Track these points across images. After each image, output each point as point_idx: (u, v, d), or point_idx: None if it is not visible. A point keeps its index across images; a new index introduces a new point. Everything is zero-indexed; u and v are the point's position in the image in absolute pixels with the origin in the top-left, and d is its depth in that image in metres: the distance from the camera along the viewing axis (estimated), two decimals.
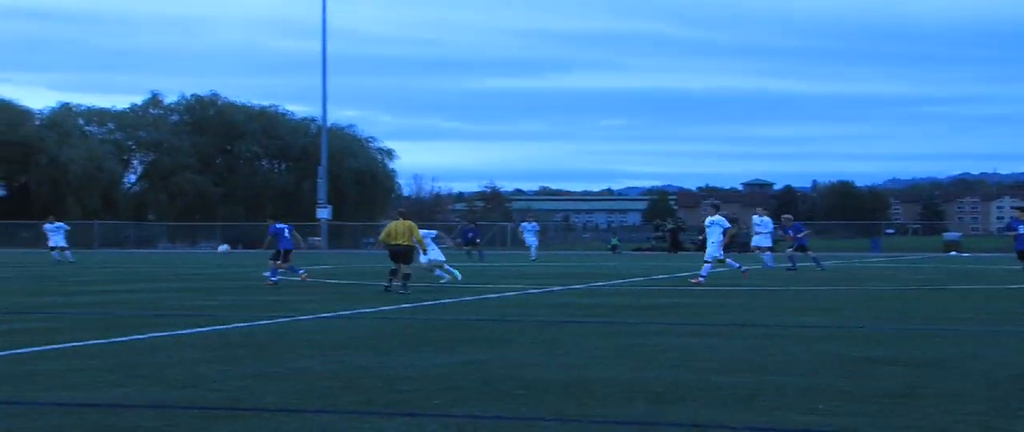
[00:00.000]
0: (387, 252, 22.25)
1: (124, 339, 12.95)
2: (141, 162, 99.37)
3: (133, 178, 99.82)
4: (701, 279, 25.51)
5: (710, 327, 14.66)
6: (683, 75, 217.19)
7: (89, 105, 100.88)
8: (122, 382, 9.30)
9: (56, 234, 41.95)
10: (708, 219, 27.22)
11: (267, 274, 25.92)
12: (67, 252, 42.20)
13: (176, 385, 9.16)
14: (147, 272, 34.30)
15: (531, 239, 48.97)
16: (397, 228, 22.11)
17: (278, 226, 26.11)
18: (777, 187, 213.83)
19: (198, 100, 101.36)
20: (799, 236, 35.14)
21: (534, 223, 52.16)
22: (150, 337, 13.22)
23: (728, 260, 27.12)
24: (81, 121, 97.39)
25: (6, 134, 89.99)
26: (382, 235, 22.62)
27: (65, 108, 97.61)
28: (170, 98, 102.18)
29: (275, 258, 25.59)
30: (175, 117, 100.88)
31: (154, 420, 7.62)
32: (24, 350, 11.78)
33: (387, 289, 21.76)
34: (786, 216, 37.58)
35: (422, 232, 24.56)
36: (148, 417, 7.73)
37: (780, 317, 16.37)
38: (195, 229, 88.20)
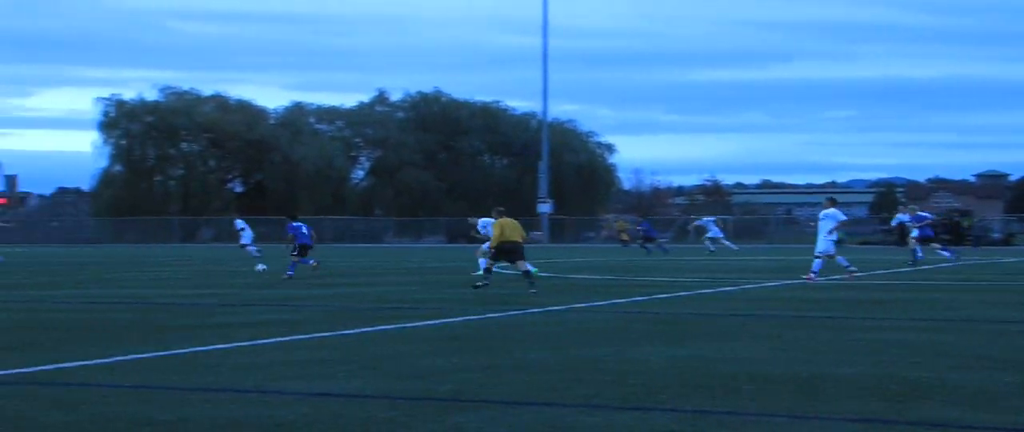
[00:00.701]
0: (496, 250, 21.56)
1: (355, 331, 13.36)
2: (368, 159, 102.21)
3: (360, 174, 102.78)
4: (812, 276, 24.19)
5: (933, 322, 14.13)
6: (913, 63, 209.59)
7: (319, 104, 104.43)
8: (356, 373, 9.59)
9: (246, 233, 43.52)
10: (821, 212, 25.45)
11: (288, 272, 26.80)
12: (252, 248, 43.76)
13: (408, 377, 9.39)
14: (374, 266, 35.30)
15: (715, 231, 48.49)
16: (508, 225, 21.77)
17: (295, 224, 28.34)
18: (1013, 178, 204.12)
19: (422, 97, 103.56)
20: (920, 226, 34.51)
21: (711, 217, 51.68)
22: (380, 330, 13.60)
23: (944, 252, 25.78)
24: (312, 120, 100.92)
25: (244, 133, 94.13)
26: (495, 234, 21.91)
27: (297, 107, 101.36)
28: (395, 95, 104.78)
29: (294, 253, 27.54)
30: (400, 114, 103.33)
31: (389, 411, 7.83)
32: (268, 341, 12.30)
33: (480, 286, 21.31)
34: (912, 206, 36.75)
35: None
36: (383, 407, 7.95)
37: (997, 312, 15.65)
38: (420, 224, 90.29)
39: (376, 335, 12.98)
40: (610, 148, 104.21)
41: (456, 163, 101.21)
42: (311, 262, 28.60)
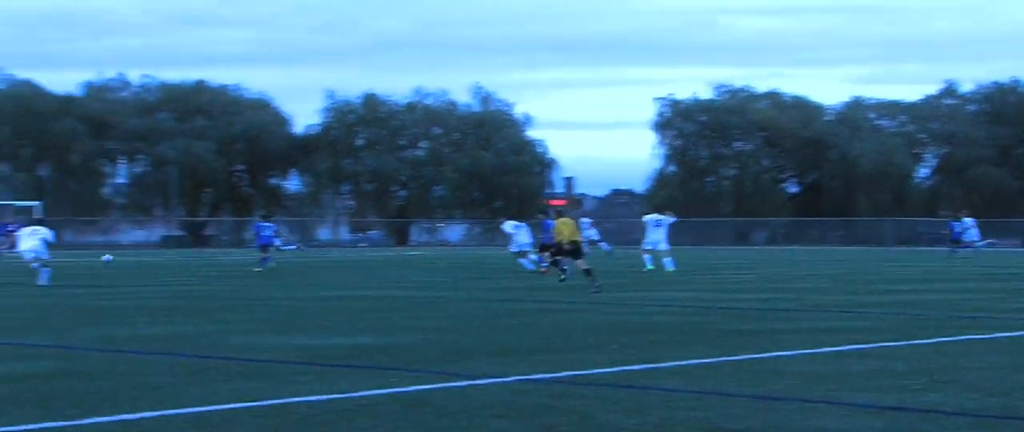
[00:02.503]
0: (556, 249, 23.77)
1: (927, 341, 12.90)
2: (934, 156, 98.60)
3: (925, 172, 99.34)
4: None
5: None
6: None
7: (879, 98, 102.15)
8: (930, 387, 9.25)
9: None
10: None
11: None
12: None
13: (992, 392, 8.92)
14: (943, 271, 33.94)
15: None
16: (566, 226, 23.77)
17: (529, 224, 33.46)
18: None
19: (998, 88, 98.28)
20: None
21: None
22: (955, 340, 13.05)
23: None
24: (871, 115, 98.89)
25: (799, 131, 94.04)
26: (559, 233, 24.03)
27: (855, 102, 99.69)
28: (965, 87, 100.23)
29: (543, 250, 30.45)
30: (971, 107, 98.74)
31: (969, 428, 7.49)
32: (831, 349, 12.18)
33: (559, 280, 24.27)
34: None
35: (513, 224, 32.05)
36: (962, 425, 7.61)
37: None
38: (991, 225, 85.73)
39: (953, 346, 12.47)
40: None
41: None
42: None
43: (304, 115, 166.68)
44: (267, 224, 37.06)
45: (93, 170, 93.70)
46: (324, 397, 8.69)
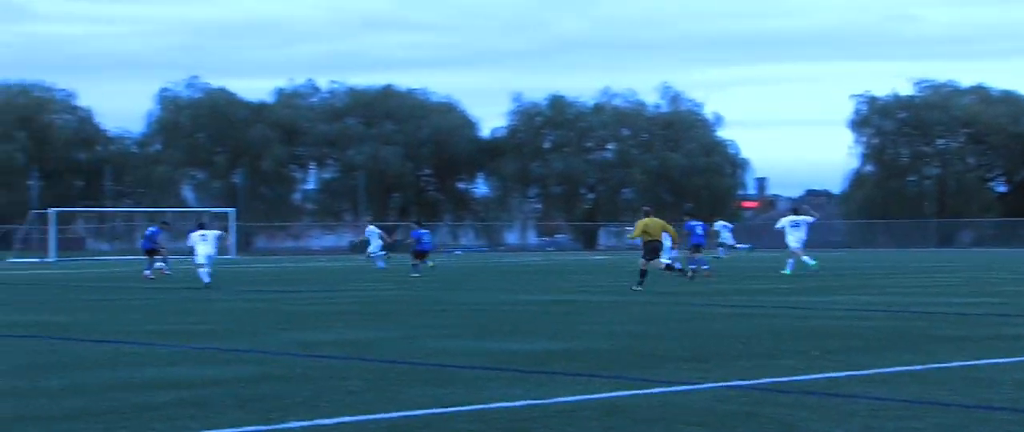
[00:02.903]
0: (643, 248, 24.84)
1: None
2: None
3: None
4: None
5: None
6: None
7: None
8: None
9: (725, 231, 41.38)
10: None
11: None
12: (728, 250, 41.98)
13: None
14: None
15: None
16: (653, 224, 24.99)
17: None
18: None
19: None
20: None
21: None
22: None
23: None
24: None
25: (1008, 126, 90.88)
26: (636, 231, 25.40)
27: None
28: None
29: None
30: None
31: None
32: None
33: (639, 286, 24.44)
34: None
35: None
36: None
37: None
38: None
39: None
40: None
41: None
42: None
43: (490, 118, 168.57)
44: (423, 231, 38.05)
45: (284, 176, 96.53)
46: (519, 403, 8.75)
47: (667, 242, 32.32)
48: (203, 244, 29.85)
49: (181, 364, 11.59)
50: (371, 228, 43.35)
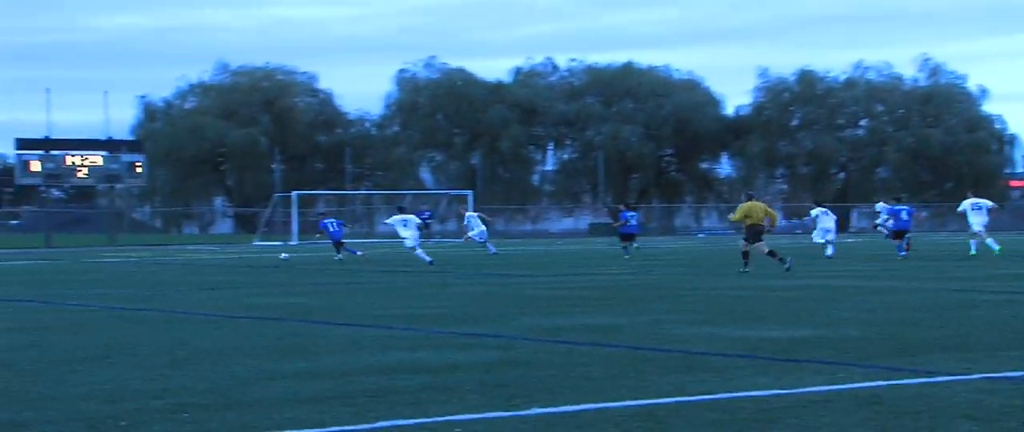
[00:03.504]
0: (745, 231, 25.76)
1: None
2: None
3: None
4: None
5: None
6: None
7: None
8: None
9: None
10: None
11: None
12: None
13: None
14: None
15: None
16: (755, 208, 25.58)
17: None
18: None
19: None
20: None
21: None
22: None
23: None
24: None
25: None
26: (738, 215, 25.98)
27: None
28: None
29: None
30: None
31: None
32: None
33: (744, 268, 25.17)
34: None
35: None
36: None
37: None
38: None
39: None
40: None
41: None
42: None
43: (735, 95, 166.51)
44: (631, 213, 38.68)
45: (522, 157, 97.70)
46: (769, 392, 8.64)
47: (828, 223, 33.19)
48: (405, 228, 32.75)
49: (422, 348, 11.86)
50: (471, 215, 42.98)
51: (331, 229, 38.39)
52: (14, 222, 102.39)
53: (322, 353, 11.53)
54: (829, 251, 33.85)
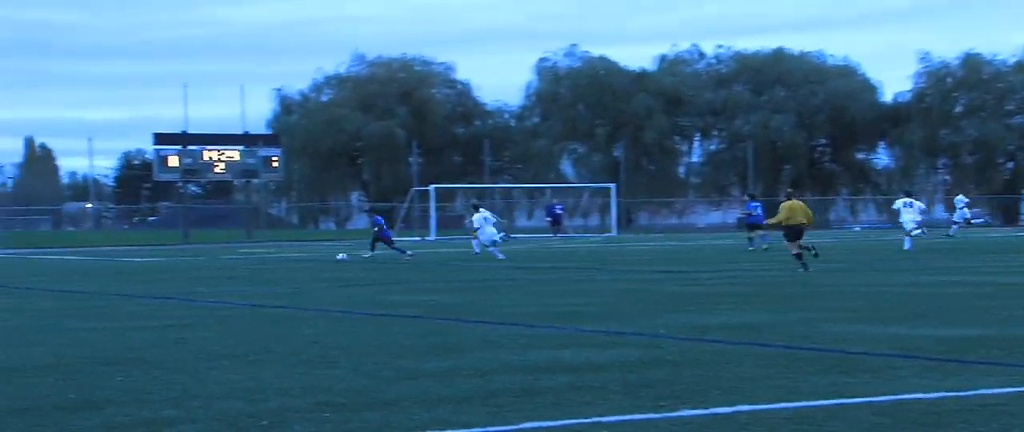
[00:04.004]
0: (785, 232, 25.38)
1: None
2: None
3: None
4: None
5: None
6: None
7: None
8: None
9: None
10: None
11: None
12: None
13: None
14: None
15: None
16: (796, 208, 25.39)
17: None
18: None
19: None
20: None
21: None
22: None
23: None
24: None
25: None
26: (782, 215, 25.38)
27: None
28: None
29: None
30: None
31: None
32: None
33: (805, 269, 24.50)
34: None
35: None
36: None
37: None
38: None
39: None
40: None
41: None
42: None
43: (894, 82, 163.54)
44: (756, 203, 39.65)
45: (667, 148, 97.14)
46: (935, 394, 8.48)
47: (913, 215, 33.01)
48: (488, 225, 33.96)
49: (565, 347, 11.87)
50: (481, 214, 36.54)
51: (380, 227, 38.11)
52: (152, 219, 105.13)
53: (462, 352, 11.62)
54: (907, 244, 33.60)
